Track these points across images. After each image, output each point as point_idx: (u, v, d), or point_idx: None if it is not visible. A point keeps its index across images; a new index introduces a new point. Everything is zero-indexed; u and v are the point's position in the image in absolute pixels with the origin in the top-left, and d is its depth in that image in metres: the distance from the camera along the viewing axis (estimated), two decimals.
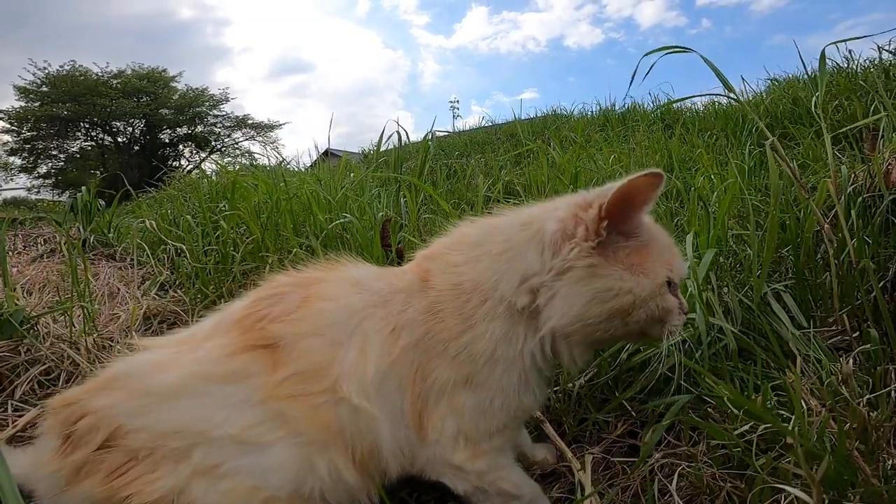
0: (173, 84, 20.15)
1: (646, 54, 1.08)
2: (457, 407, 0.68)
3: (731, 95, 1.21)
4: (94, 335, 1.27)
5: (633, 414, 0.98)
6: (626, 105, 4.13)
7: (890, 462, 0.58)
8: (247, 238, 1.72)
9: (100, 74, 18.74)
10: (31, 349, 1.14)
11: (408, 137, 1.96)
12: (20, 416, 0.99)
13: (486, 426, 0.70)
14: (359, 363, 0.67)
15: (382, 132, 1.91)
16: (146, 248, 1.96)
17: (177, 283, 1.77)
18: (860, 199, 1.26)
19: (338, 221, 1.55)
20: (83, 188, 2.36)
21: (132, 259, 1.99)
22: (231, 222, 1.74)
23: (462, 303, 0.69)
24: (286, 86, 57.09)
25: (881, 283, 1.08)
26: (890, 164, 1.29)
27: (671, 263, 0.69)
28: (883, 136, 1.58)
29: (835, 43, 1.11)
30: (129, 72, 19.29)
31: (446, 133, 5.24)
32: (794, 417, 0.64)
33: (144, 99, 19.42)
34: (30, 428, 0.90)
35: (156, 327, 1.50)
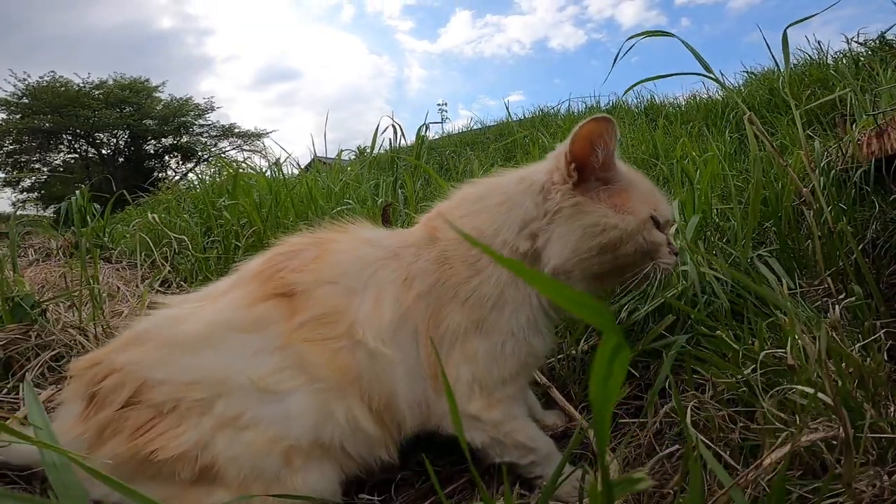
0: (156, 94, 19.91)
1: (628, 38, 1.14)
2: (470, 353, 0.72)
3: (709, 75, 1.28)
4: (103, 324, 1.28)
5: (637, 376, 1.02)
6: (611, 101, 4.24)
7: (893, 409, 0.61)
8: (248, 231, 1.74)
9: (81, 85, 18.45)
10: (41, 334, 1.14)
11: (402, 133, 2.01)
12: None
13: (500, 372, 0.73)
14: (374, 311, 0.70)
15: (377, 127, 1.97)
16: (149, 241, 1.96)
17: (178, 280, 1.78)
18: (833, 171, 1.34)
19: (340, 207, 1.58)
20: (77, 193, 2.36)
21: (130, 261, 2.00)
22: (233, 213, 1.76)
23: (468, 250, 0.74)
24: (273, 94, 56.91)
25: (860, 247, 1.16)
26: (860, 139, 1.38)
27: (654, 203, 0.76)
28: (855, 121, 1.68)
29: (794, 23, 1.17)
30: (110, 82, 19.01)
31: (436, 136, 5.30)
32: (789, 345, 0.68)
33: (128, 109, 19.15)
34: (47, 405, 0.91)
35: None
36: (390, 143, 2.21)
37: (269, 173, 2.48)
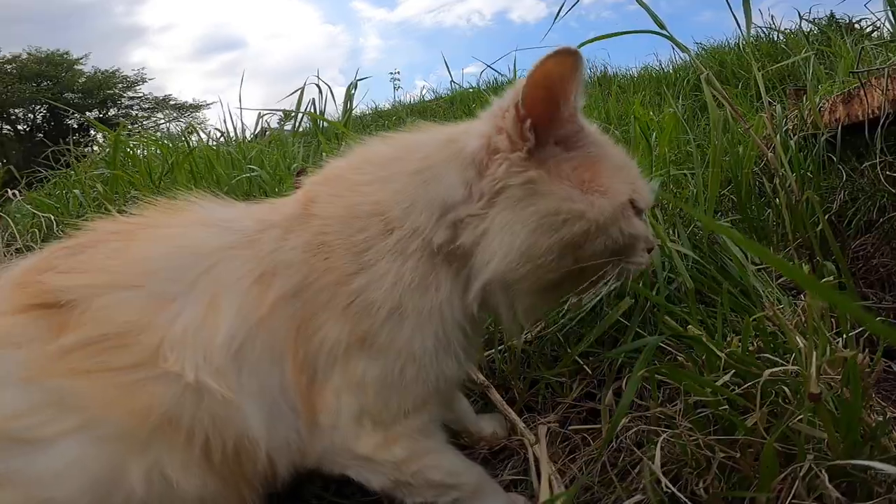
0: (78, 67, 18.63)
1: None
2: (354, 378, 0.51)
3: (663, 33, 1.15)
4: None
5: (589, 371, 0.87)
6: None
7: (889, 413, 0.50)
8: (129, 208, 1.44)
9: None
10: None
11: (331, 92, 1.72)
12: None
13: (400, 403, 0.53)
14: (203, 325, 0.48)
15: (302, 89, 1.64)
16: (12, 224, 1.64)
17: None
18: (795, 137, 1.26)
19: (242, 175, 1.31)
20: None
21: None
22: (117, 185, 1.44)
23: (355, 230, 0.52)
24: (215, 64, 52.63)
25: (827, 217, 1.07)
26: (822, 106, 1.29)
27: (633, 182, 0.55)
28: (806, 91, 1.62)
29: None
30: (24, 56, 17.62)
31: (388, 106, 4.96)
32: (795, 355, 0.53)
33: (45, 83, 17.89)
34: None
35: None
36: (319, 90, 1.92)
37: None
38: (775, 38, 2.73)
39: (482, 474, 0.62)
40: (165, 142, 1.92)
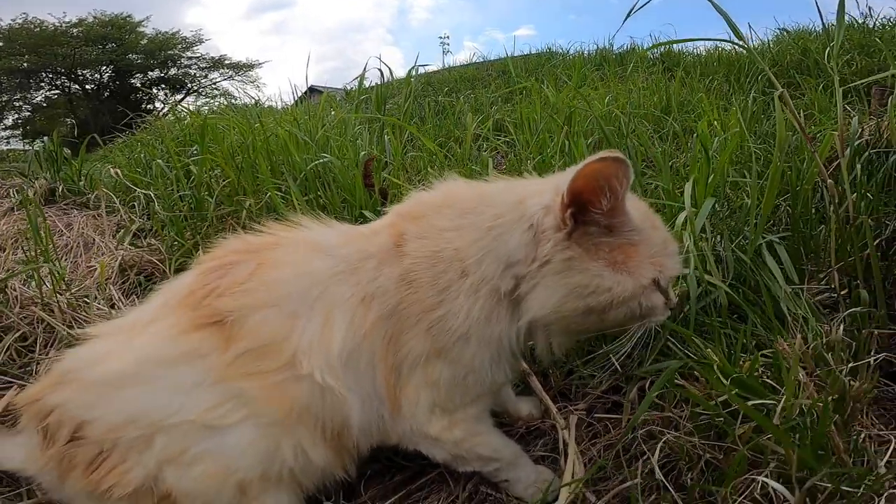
0: (140, 29, 19.40)
1: None
2: (432, 379, 0.67)
3: (738, 42, 1.11)
4: (67, 294, 1.21)
5: (619, 368, 0.98)
6: (626, 46, 3.89)
7: (864, 434, 0.59)
8: (223, 181, 1.62)
9: (57, 25, 17.92)
10: (1, 316, 1.08)
11: (391, 74, 1.81)
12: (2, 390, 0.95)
13: (462, 398, 0.69)
14: (322, 337, 0.64)
15: (364, 68, 1.75)
16: (115, 197, 1.85)
17: (153, 230, 1.69)
18: (865, 154, 1.22)
19: (316, 162, 1.45)
20: (46, 138, 2.21)
21: (109, 206, 1.89)
22: (204, 166, 1.63)
23: (438, 272, 0.65)
24: (266, 23, 52.78)
25: (876, 241, 1.07)
26: None
27: (662, 263, 0.65)
28: (892, 93, 1.50)
29: None
30: (90, 20, 18.44)
31: (436, 69, 4.93)
32: (783, 391, 0.63)
33: (110, 45, 18.79)
34: (10, 411, 0.86)
35: (133, 279, 1.44)
36: (381, 74, 2.00)
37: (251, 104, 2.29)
38: (872, 27, 2.48)
39: (518, 450, 0.78)
40: (238, 116, 2.06)
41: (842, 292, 1.00)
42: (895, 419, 0.81)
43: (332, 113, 2.07)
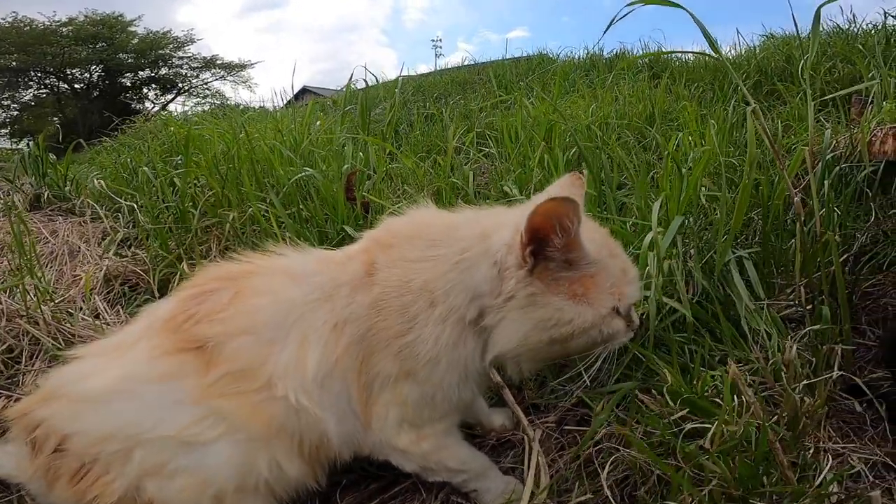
0: (131, 28, 19.25)
1: (627, 4, 0.99)
2: (400, 398, 0.70)
3: (715, 55, 1.14)
4: (52, 305, 1.22)
5: (588, 383, 1.00)
6: (615, 50, 3.92)
7: (811, 449, 0.61)
8: (207, 191, 1.63)
9: (48, 24, 17.70)
10: None
11: (384, 76, 1.82)
12: None
13: (430, 414, 0.72)
14: (298, 361, 0.67)
15: (351, 77, 1.77)
16: (98, 206, 1.86)
17: (138, 239, 1.70)
18: (837, 168, 1.24)
19: (298, 175, 1.47)
20: (30, 143, 2.21)
21: (94, 213, 1.89)
22: (188, 177, 1.65)
23: (407, 302, 0.68)
24: (260, 22, 52.55)
25: (843, 256, 1.09)
26: (875, 134, 1.26)
27: (621, 292, 0.68)
28: (872, 103, 1.53)
29: (828, 1, 1.02)
30: (81, 18, 18.23)
31: (428, 72, 4.95)
32: (719, 413, 0.67)
33: (100, 44, 18.62)
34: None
35: (117, 289, 1.45)
36: (366, 84, 2.01)
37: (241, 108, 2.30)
38: (856, 33, 2.50)
39: (486, 462, 0.81)
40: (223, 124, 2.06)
41: (808, 307, 1.03)
42: (853, 433, 0.84)
43: (318, 123, 2.08)
